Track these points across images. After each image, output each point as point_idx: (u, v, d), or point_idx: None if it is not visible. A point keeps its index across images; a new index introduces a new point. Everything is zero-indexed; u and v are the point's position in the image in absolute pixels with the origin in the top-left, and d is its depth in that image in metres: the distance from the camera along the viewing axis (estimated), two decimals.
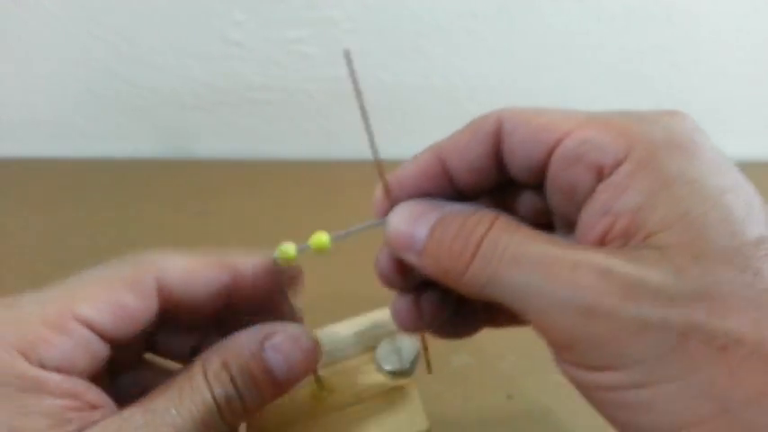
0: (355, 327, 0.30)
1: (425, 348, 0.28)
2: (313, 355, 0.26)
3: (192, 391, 0.23)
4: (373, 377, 0.28)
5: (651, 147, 0.19)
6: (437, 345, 0.43)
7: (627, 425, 0.18)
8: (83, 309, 0.22)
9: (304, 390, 0.28)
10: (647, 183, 0.18)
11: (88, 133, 0.70)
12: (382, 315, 0.30)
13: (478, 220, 0.21)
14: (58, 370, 0.22)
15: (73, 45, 0.64)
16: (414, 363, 0.28)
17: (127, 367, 0.28)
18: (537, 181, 0.22)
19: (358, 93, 0.21)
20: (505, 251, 0.19)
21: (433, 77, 0.64)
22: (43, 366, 0.21)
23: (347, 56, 0.20)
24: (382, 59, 0.62)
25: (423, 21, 0.60)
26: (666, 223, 0.18)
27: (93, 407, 0.22)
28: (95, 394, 0.22)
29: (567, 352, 0.19)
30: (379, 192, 0.24)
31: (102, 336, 0.23)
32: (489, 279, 0.19)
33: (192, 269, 0.25)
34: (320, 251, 0.24)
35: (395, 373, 0.28)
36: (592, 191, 0.20)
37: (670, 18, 0.59)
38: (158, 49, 0.63)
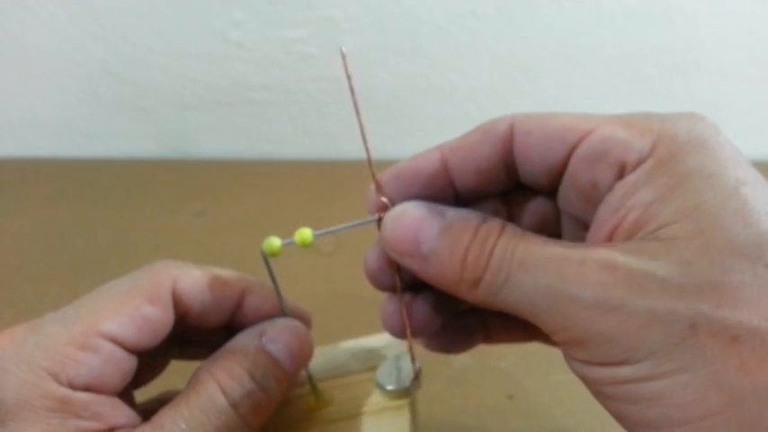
0: (360, 345, 0.31)
1: (413, 359, 0.28)
2: (307, 339, 0.26)
3: (201, 401, 0.23)
4: (371, 394, 0.28)
5: (673, 144, 0.19)
6: None
7: (637, 420, 0.18)
8: (107, 325, 0.23)
9: (301, 401, 0.29)
10: (664, 179, 0.18)
11: (88, 133, 0.70)
12: (390, 337, 0.31)
13: (489, 229, 0.20)
14: (89, 388, 0.22)
15: (73, 45, 0.64)
16: (413, 383, 0.28)
17: (154, 376, 0.28)
18: (550, 183, 0.22)
19: (352, 92, 0.21)
20: (514, 257, 0.19)
21: (433, 77, 0.64)
22: (73, 386, 0.22)
23: (343, 56, 0.21)
24: (382, 59, 0.62)
25: (423, 21, 0.60)
26: (678, 215, 0.18)
27: (115, 427, 0.22)
28: (120, 413, 0.23)
29: (579, 349, 0.19)
30: (372, 189, 0.24)
31: (128, 349, 0.23)
32: (502, 287, 0.19)
33: (205, 281, 0.26)
34: (304, 246, 0.24)
35: (393, 392, 0.28)
36: (611, 189, 0.20)
37: (669, 18, 0.59)
38: (158, 49, 0.64)
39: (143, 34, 0.63)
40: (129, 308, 0.23)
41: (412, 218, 0.22)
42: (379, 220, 0.24)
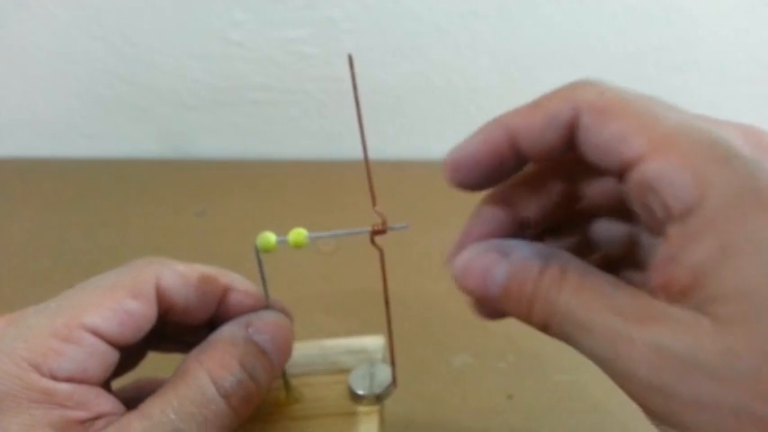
0: (339, 346, 0.31)
1: (393, 363, 0.28)
2: (291, 332, 0.26)
3: (190, 391, 0.23)
4: (341, 397, 0.28)
5: (728, 199, 0.18)
6: (437, 344, 0.44)
7: None
8: (90, 318, 0.23)
9: (270, 395, 0.28)
10: (712, 242, 0.18)
11: (88, 133, 0.70)
12: (371, 341, 0.31)
13: (551, 280, 0.21)
14: (71, 380, 0.22)
15: (73, 45, 0.64)
16: (385, 392, 0.28)
17: (131, 367, 0.28)
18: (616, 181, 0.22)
19: (356, 99, 0.22)
20: (572, 317, 0.20)
21: (433, 77, 0.64)
22: (55, 377, 0.22)
23: (350, 61, 0.21)
24: (382, 59, 0.62)
25: (423, 21, 0.60)
26: (724, 293, 0.17)
27: (101, 415, 0.22)
28: (105, 401, 0.23)
29: (644, 409, 0.19)
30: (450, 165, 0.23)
31: (111, 342, 0.23)
32: (567, 339, 0.20)
33: (189, 277, 0.26)
34: (297, 246, 0.24)
35: (363, 398, 0.28)
36: (663, 223, 0.19)
37: (670, 18, 0.59)
38: (158, 49, 0.64)
39: (143, 34, 0.63)
40: (113, 302, 0.23)
41: (478, 267, 0.22)
42: (372, 232, 0.24)
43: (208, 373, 0.23)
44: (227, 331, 0.25)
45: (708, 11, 0.59)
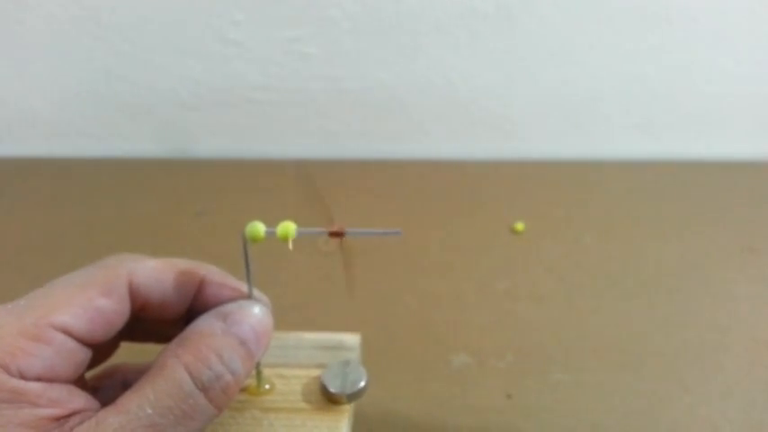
0: (317, 340, 0.30)
1: (349, 268, 0.28)
2: (270, 321, 0.26)
3: (168, 385, 0.22)
4: (312, 392, 0.28)
5: None
6: (437, 344, 0.44)
7: None
8: (59, 316, 0.22)
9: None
10: None
11: (88, 133, 0.70)
12: (348, 339, 0.31)
13: None
14: (40, 379, 0.22)
15: (73, 45, 0.64)
16: (357, 393, 0.28)
17: (104, 359, 0.28)
18: None
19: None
20: None
21: (433, 77, 0.64)
22: (24, 377, 0.21)
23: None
24: (382, 59, 0.62)
25: (423, 21, 0.60)
26: None
27: (76, 412, 0.22)
28: (78, 398, 0.22)
29: None
30: None
31: (81, 341, 0.23)
32: None
33: (163, 272, 0.26)
34: (284, 240, 0.24)
35: (335, 396, 0.28)
36: None
37: (669, 18, 0.59)
38: (158, 49, 0.64)
39: (143, 34, 0.63)
40: (83, 300, 0.23)
41: None
42: (330, 234, 0.26)
43: (185, 367, 0.23)
44: (204, 323, 0.25)
45: (707, 11, 0.59)
